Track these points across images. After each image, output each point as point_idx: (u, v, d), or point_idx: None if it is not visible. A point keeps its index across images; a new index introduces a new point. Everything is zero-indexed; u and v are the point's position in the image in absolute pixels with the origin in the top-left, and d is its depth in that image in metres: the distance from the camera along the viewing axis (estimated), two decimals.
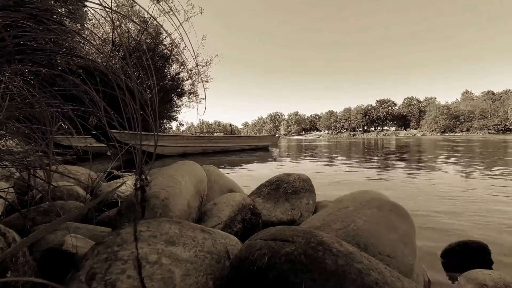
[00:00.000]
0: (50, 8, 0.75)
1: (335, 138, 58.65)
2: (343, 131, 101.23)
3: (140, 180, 0.72)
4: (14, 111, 0.80)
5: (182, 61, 11.31)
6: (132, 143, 0.76)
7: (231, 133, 17.76)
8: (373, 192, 1.49)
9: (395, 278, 0.54)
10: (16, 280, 0.52)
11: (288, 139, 59.94)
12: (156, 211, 0.87)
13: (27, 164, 0.88)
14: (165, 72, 14.46)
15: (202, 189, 1.20)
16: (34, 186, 0.92)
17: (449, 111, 77.66)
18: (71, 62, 0.85)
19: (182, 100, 16.47)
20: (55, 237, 0.83)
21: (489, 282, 0.88)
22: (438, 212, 1.93)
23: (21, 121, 0.87)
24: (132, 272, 0.51)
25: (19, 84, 0.82)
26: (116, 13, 0.73)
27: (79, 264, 0.54)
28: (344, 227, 0.86)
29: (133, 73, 0.63)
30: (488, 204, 2.11)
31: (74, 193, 1.42)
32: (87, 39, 0.77)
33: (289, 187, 1.49)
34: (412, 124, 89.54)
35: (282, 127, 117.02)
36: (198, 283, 0.57)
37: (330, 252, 0.54)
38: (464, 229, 1.58)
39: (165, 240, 0.61)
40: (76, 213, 0.79)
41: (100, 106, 0.80)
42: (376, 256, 0.76)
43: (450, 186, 2.87)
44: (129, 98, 0.64)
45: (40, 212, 1.07)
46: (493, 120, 69.38)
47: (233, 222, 1.06)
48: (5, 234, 0.58)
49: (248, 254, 0.58)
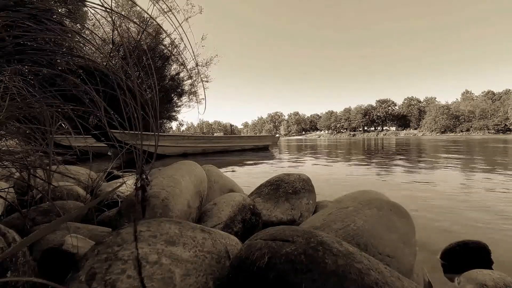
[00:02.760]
0: (50, 8, 0.75)
1: (335, 138, 58.65)
2: (343, 131, 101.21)
3: (141, 179, 0.72)
4: (14, 111, 0.80)
5: (182, 61, 11.33)
6: (133, 143, 0.76)
7: (231, 133, 17.76)
8: (373, 192, 1.49)
9: (395, 278, 0.54)
10: (16, 280, 0.52)
11: (288, 139, 59.94)
12: (156, 211, 0.87)
13: (27, 164, 0.88)
14: (165, 72, 14.47)
15: (202, 189, 1.20)
16: (34, 186, 0.92)
17: (449, 111, 77.65)
18: (71, 62, 0.85)
19: (182, 100, 16.50)
20: (55, 237, 0.83)
21: (489, 282, 0.88)
22: (438, 212, 1.93)
23: (21, 121, 0.87)
24: (132, 272, 0.51)
25: (19, 84, 0.82)
26: (116, 13, 0.73)
27: (79, 264, 0.54)
28: (344, 227, 0.86)
29: (133, 73, 0.63)
30: (488, 204, 2.10)
31: (74, 193, 1.42)
32: (87, 39, 0.77)
33: (289, 187, 1.49)
34: (412, 124, 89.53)
35: (282, 127, 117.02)
36: (198, 283, 0.57)
37: (330, 252, 0.54)
38: (464, 229, 1.58)
39: (165, 240, 0.61)
40: (76, 213, 0.79)
41: (100, 106, 0.80)
42: (376, 256, 0.76)
43: (450, 186, 2.87)
44: (130, 98, 0.64)
45: (40, 212, 1.07)
46: (493, 120, 69.35)
47: (233, 222, 1.06)
48: (5, 234, 0.58)
49: (248, 254, 0.58)
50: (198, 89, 16.55)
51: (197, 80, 13.24)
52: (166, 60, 13.93)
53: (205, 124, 61.94)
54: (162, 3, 5.36)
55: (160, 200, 0.89)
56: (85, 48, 0.87)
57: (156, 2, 0.90)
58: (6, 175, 1.17)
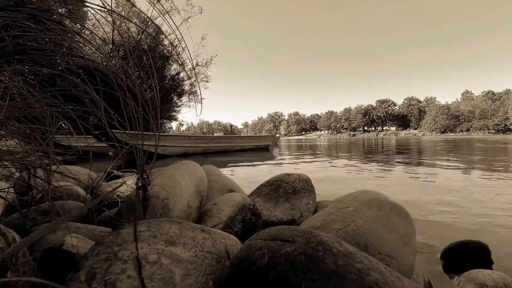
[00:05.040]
0: (50, 8, 0.75)
1: (335, 138, 58.64)
2: (343, 131, 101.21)
3: (141, 179, 0.72)
4: (14, 111, 0.80)
5: (182, 61, 11.35)
6: (134, 143, 0.76)
7: (231, 133, 17.76)
8: (373, 192, 1.49)
9: (395, 278, 0.54)
10: (16, 280, 0.52)
11: (288, 139, 59.94)
12: (156, 211, 0.87)
13: (27, 164, 0.88)
14: (165, 72, 14.48)
15: (202, 189, 1.20)
16: (34, 186, 0.92)
17: (449, 111, 77.65)
18: (71, 62, 0.85)
19: (182, 100, 16.52)
20: (55, 237, 0.83)
21: (489, 282, 0.88)
22: (438, 212, 1.93)
23: (21, 121, 0.87)
24: (132, 272, 0.51)
25: (19, 84, 0.82)
26: (116, 14, 0.73)
27: (79, 264, 0.54)
28: (344, 227, 0.86)
29: (134, 73, 0.63)
30: (488, 204, 2.10)
31: (74, 193, 1.42)
32: (87, 39, 0.77)
33: (289, 187, 1.49)
34: (412, 124, 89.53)
35: (282, 127, 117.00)
36: (198, 283, 0.57)
37: (330, 252, 0.54)
38: (464, 229, 1.58)
39: (165, 240, 0.61)
40: (76, 213, 0.79)
41: (100, 106, 0.80)
42: (376, 256, 0.76)
43: (450, 186, 2.87)
44: (130, 97, 0.64)
45: (40, 212, 1.07)
46: (493, 120, 69.34)
47: (233, 222, 1.06)
48: (5, 234, 0.58)
49: (248, 254, 0.58)
50: (197, 89, 16.58)
51: (196, 80, 13.24)
52: (166, 60, 13.94)
53: (205, 124, 61.98)
54: (162, 3, 5.38)
55: (160, 200, 0.89)
56: (85, 48, 0.87)
57: (157, 1, 0.90)
58: (6, 175, 1.17)
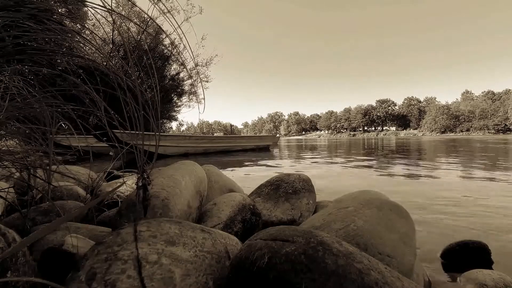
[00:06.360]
0: (50, 8, 0.75)
1: (335, 138, 58.63)
2: (343, 131, 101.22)
3: (142, 179, 0.72)
4: (14, 111, 0.80)
5: (182, 61, 11.35)
6: (134, 143, 0.76)
7: (231, 133, 17.76)
8: (373, 192, 1.49)
9: (395, 278, 0.54)
10: (16, 280, 0.52)
11: (288, 139, 59.93)
12: (156, 211, 0.87)
13: (27, 164, 0.88)
14: (165, 72, 14.47)
15: (202, 189, 1.20)
16: (34, 186, 0.92)
17: (449, 111, 77.66)
18: (71, 62, 0.85)
19: (182, 100, 16.51)
20: (55, 237, 0.83)
21: (489, 282, 0.88)
22: (438, 212, 1.93)
23: (21, 121, 0.87)
24: (132, 272, 0.51)
25: (19, 84, 0.82)
26: (116, 13, 0.73)
27: (79, 264, 0.54)
28: (344, 227, 0.86)
29: (134, 73, 0.63)
30: (488, 204, 2.10)
31: (74, 193, 1.42)
32: (87, 39, 0.77)
33: (289, 187, 1.49)
34: (412, 124, 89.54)
35: (282, 127, 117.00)
36: (198, 283, 0.57)
37: (330, 252, 0.54)
38: (464, 229, 1.58)
39: (165, 240, 0.61)
40: (76, 213, 0.79)
41: (101, 106, 0.80)
42: (376, 256, 0.76)
43: (450, 186, 2.87)
44: (130, 97, 0.64)
45: (40, 212, 1.07)
46: (493, 120, 69.35)
47: (233, 222, 1.06)
48: (5, 234, 0.58)
49: (248, 254, 0.58)
50: (198, 89, 16.58)
51: (196, 80, 13.24)
52: (166, 60, 13.94)
53: (205, 124, 61.98)
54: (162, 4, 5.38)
55: (160, 200, 0.89)
56: (85, 48, 0.87)
57: (156, 2, 0.90)
58: (6, 175, 1.17)
